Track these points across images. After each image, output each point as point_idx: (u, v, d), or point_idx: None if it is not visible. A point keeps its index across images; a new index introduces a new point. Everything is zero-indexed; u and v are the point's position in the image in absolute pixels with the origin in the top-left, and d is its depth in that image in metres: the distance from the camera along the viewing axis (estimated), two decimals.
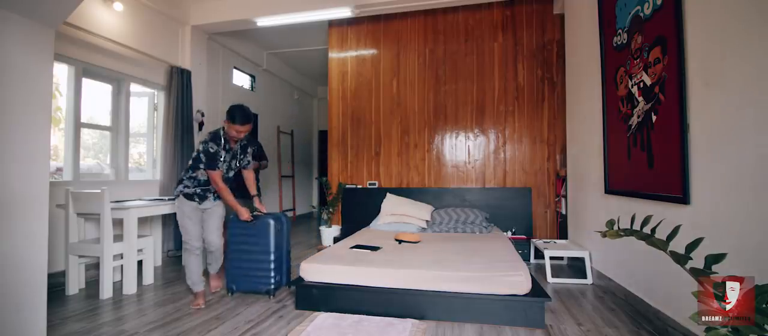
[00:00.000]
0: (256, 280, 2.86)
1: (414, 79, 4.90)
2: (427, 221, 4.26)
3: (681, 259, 1.06)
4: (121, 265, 3.14)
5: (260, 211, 2.90)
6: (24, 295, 1.88)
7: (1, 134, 1.79)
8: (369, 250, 3.03)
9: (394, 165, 4.95)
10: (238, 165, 2.87)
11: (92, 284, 3.26)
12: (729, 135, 1.74)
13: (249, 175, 2.95)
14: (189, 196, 2.75)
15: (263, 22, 4.52)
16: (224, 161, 2.73)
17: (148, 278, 3.36)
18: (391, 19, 4.96)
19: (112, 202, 3.19)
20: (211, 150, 2.65)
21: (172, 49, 4.56)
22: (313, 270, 2.66)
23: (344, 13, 4.34)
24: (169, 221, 4.31)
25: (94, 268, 3.39)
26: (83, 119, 3.68)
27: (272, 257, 2.84)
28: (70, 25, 3.35)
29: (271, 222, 2.83)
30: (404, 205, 4.37)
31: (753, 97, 1.60)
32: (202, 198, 2.79)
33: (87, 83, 3.74)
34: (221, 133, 2.71)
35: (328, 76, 5.25)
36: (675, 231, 1.13)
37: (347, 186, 4.97)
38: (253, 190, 2.94)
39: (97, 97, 3.94)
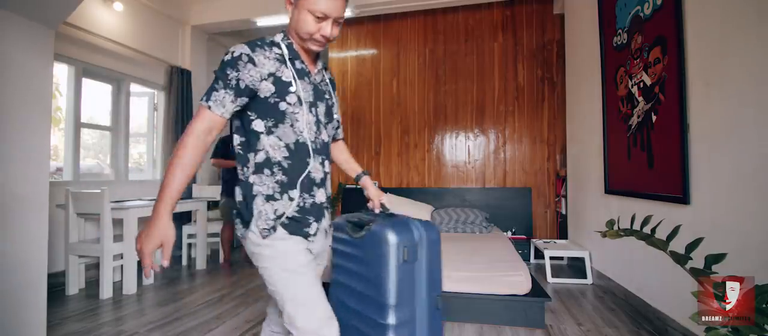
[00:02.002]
0: None
1: (414, 79, 4.90)
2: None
3: (681, 259, 1.06)
4: (121, 265, 3.14)
5: (383, 208, 1.41)
6: (24, 295, 1.88)
7: (1, 134, 1.79)
8: None
9: (394, 165, 4.95)
10: (330, 121, 1.25)
11: (92, 284, 3.26)
12: (729, 135, 1.74)
13: (341, 148, 1.52)
14: (293, 225, 1.11)
15: (263, 22, 4.52)
16: (302, 102, 1.11)
17: (148, 278, 3.36)
18: (391, 19, 4.96)
19: (112, 202, 3.19)
20: (237, 55, 1.05)
21: (172, 49, 4.56)
22: None
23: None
24: None
25: (94, 268, 3.39)
26: (83, 119, 3.68)
27: (392, 318, 1.16)
28: (70, 25, 3.35)
29: (390, 238, 1.19)
30: (404, 205, 4.37)
31: (753, 96, 1.60)
32: (318, 215, 1.17)
33: (87, 83, 3.74)
34: (278, 38, 1.15)
35: None
36: (675, 231, 1.13)
37: (347, 186, 4.98)
38: (356, 168, 1.48)
39: (97, 97, 3.94)
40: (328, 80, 1.29)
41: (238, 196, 1.13)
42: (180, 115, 4.46)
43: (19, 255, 1.86)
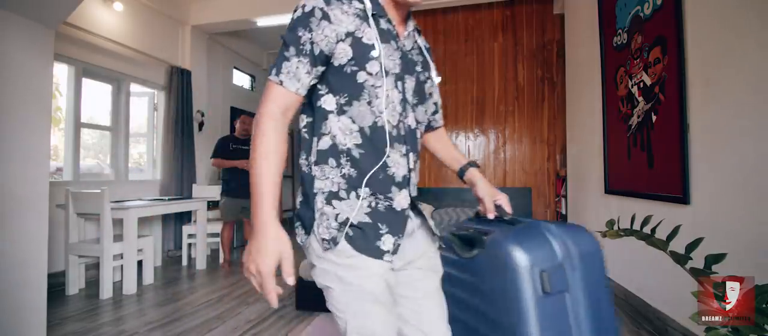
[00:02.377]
0: None
1: None
2: None
3: (681, 259, 1.06)
4: (121, 265, 3.14)
5: (499, 212, 1.02)
6: (24, 295, 1.88)
7: (1, 134, 1.79)
8: None
9: None
10: (421, 101, 0.95)
11: (92, 284, 3.25)
12: (729, 135, 1.74)
13: (441, 137, 1.17)
14: (360, 238, 0.82)
15: (263, 22, 4.52)
16: (386, 73, 0.84)
17: (148, 278, 3.36)
18: None
19: (112, 202, 3.19)
20: (309, 10, 0.80)
21: (172, 49, 4.56)
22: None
23: None
24: (169, 221, 4.31)
25: (94, 268, 3.39)
26: (83, 119, 3.68)
27: None
28: (70, 25, 3.35)
29: (517, 258, 0.78)
30: None
31: (753, 96, 1.60)
32: (395, 227, 0.84)
33: (87, 83, 3.74)
34: None
35: None
36: (675, 231, 1.13)
37: None
38: (460, 158, 1.12)
39: (97, 97, 3.94)
40: (421, 48, 0.99)
41: (300, 194, 0.89)
42: (180, 115, 4.46)
43: (19, 255, 1.86)
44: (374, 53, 0.82)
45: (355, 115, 0.84)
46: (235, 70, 6.03)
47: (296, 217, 0.90)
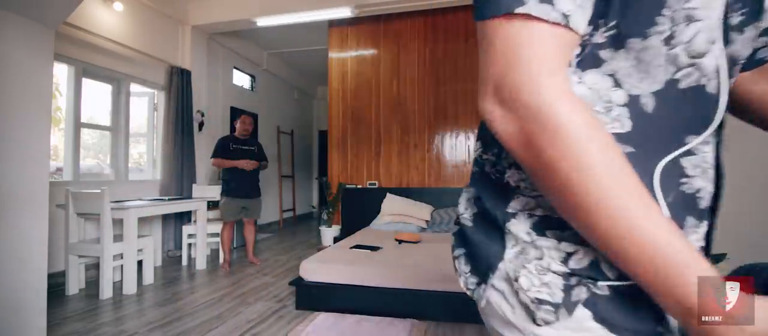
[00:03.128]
0: None
1: (414, 79, 4.90)
2: (427, 221, 4.26)
3: None
4: (121, 265, 3.13)
5: None
6: (24, 296, 1.88)
7: (1, 134, 1.79)
8: (369, 250, 3.04)
9: (394, 165, 4.95)
10: (758, 16, 0.41)
11: (92, 284, 3.25)
12: (729, 135, 1.74)
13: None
14: (617, 310, 0.42)
15: (263, 22, 4.52)
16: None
17: (148, 278, 3.36)
18: (391, 19, 4.96)
19: (112, 202, 3.19)
20: None
21: (172, 49, 4.56)
22: (314, 270, 2.66)
23: (344, 13, 4.34)
24: (169, 221, 4.31)
25: (94, 268, 3.39)
26: (83, 119, 3.68)
27: None
28: (70, 25, 3.35)
29: None
30: (404, 205, 4.38)
31: None
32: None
33: (87, 83, 3.74)
34: None
35: (328, 76, 5.25)
36: None
37: (347, 186, 4.98)
38: None
39: (97, 97, 3.94)
40: None
41: (465, 207, 0.55)
42: (180, 115, 4.46)
43: (19, 255, 1.86)
44: None
45: (625, 70, 0.41)
46: (235, 70, 6.03)
47: (457, 243, 0.55)
